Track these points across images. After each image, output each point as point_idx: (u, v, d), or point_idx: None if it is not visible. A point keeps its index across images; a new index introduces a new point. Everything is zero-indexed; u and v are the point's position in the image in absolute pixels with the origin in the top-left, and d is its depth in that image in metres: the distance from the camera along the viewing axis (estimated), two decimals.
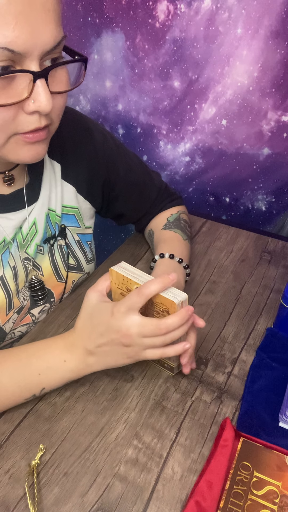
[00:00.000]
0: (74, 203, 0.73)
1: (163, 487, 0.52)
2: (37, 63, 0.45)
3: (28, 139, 0.50)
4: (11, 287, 0.65)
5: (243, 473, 0.52)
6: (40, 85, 0.46)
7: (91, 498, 0.50)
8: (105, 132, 0.77)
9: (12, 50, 0.42)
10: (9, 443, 0.55)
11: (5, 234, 0.63)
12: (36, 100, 0.46)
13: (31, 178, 0.66)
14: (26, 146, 0.52)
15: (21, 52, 0.43)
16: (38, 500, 0.49)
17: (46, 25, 0.44)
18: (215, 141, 1.16)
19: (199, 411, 0.60)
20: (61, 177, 0.70)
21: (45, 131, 0.52)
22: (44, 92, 0.46)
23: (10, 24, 0.41)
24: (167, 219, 0.85)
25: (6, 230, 0.63)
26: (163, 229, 0.84)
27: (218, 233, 1.00)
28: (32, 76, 0.45)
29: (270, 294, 0.83)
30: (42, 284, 0.71)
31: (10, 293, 0.65)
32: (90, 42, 1.19)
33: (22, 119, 0.48)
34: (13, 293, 0.66)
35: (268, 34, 0.96)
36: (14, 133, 0.49)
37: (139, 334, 0.52)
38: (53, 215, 0.69)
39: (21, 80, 0.46)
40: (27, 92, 0.46)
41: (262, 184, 1.15)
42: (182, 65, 1.09)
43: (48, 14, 0.44)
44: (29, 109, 0.47)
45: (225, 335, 0.73)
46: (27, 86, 0.46)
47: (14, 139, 0.50)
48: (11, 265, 0.65)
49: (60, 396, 0.61)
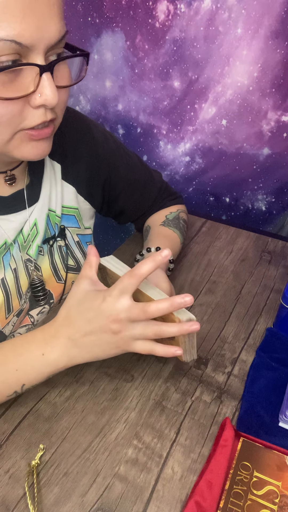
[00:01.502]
0: (74, 203, 0.73)
1: (163, 487, 0.52)
2: (43, 57, 0.46)
3: (33, 136, 0.51)
4: (11, 290, 0.65)
5: (243, 473, 0.52)
6: (46, 78, 0.46)
7: (91, 498, 0.50)
8: (106, 132, 0.77)
9: (19, 43, 0.43)
10: (9, 443, 0.55)
11: (6, 237, 0.63)
12: (43, 94, 0.47)
13: (32, 178, 0.65)
14: (31, 143, 0.52)
15: (28, 45, 0.44)
16: (38, 500, 0.49)
17: (51, 19, 0.45)
18: (215, 141, 1.16)
19: (199, 411, 0.60)
20: (61, 177, 0.70)
21: (50, 128, 0.52)
22: (50, 86, 0.47)
23: (18, 17, 0.42)
24: (166, 217, 0.86)
25: (7, 232, 0.63)
26: (161, 225, 0.84)
27: (218, 233, 1.00)
28: (39, 70, 0.46)
29: (270, 294, 0.83)
30: (43, 284, 0.71)
31: (9, 296, 0.65)
32: (90, 42, 1.19)
33: (29, 114, 0.49)
34: (13, 296, 0.66)
35: (268, 34, 0.96)
36: (20, 129, 0.50)
37: (128, 318, 0.49)
38: (53, 216, 0.69)
39: (27, 73, 0.46)
40: (33, 85, 0.46)
41: (262, 184, 1.15)
42: (182, 65, 1.09)
43: (52, 8, 0.45)
44: (36, 103, 0.47)
45: (225, 335, 0.73)
46: (33, 80, 0.46)
47: (19, 135, 0.50)
48: (12, 267, 0.65)
49: (60, 396, 0.61)
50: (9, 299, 0.65)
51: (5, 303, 0.65)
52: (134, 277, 0.49)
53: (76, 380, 0.63)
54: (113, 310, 0.49)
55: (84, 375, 0.64)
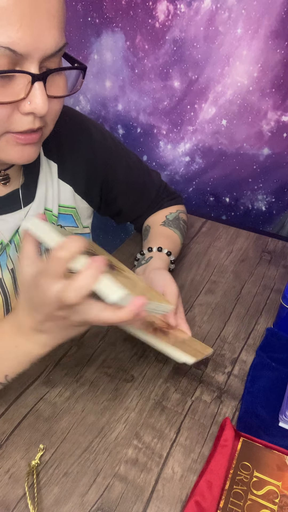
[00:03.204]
0: (71, 202, 0.72)
1: (163, 487, 0.52)
2: (37, 66, 0.46)
3: (19, 140, 0.51)
4: (9, 290, 0.65)
5: (243, 473, 0.52)
6: (38, 87, 0.47)
7: (91, 498, 0.50)
8: (104, 131, 0.77)
9: (14, 51, 0.43)
10: (9, 443, 0.55)
11: (2, 237, 0.63)
12: (32, 102, 0.47)
13: (27, 178, 0.65)
14: (17, 146, 0.52)
15: (22, 53, 0.44)
16: (38, 500, 0.49)
17: (49, 30, 0.45)
18: (215, 141, 1.16)
19: (199, 411, 0.60)
20: (58, 176, 0.70)
21: (37, 134, 0.52)
22: (41, 95, 0.47)
23: (15, 26, 0.42)
24: (166, 217, 0.86)
25: (4, 232, 0.63)
26: (162, 225, 0.84)
27: (218, 233, 1.00)
28: (31, 78, 0.46)
29: (270, 294, 0.83)
30: None
31: (8, 296, 0.65)
32: (90, 42, 1.19)
33: (17, 119, 0.49)
34: (11, 296, 0.66)
35: (268, 34, 0.96)
36: (6, 131, 0.50)
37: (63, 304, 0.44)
38: (49, 215, 0.69)
39: (19, 80, 0.46)
40: (24, 93, 0.47)
41: (262, 184, 1.15)
42: (182, 65, 1.09)
43: (52, 19, 0.45)
44: (25, 110, 0.48)
45: (225, 335, 0.73)
46: (25, 87, 0.47)
47: (6, 137, 0.51)
48: (9, 268, 0.65)
49: (60, 396, 0.61)
50: (8, 300, 0.65)
51: (3, 304, 0.65)
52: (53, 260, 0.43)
53: (76, 380, 0.63)
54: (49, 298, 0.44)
55: (84, 375, 0.64)
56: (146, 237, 0.85)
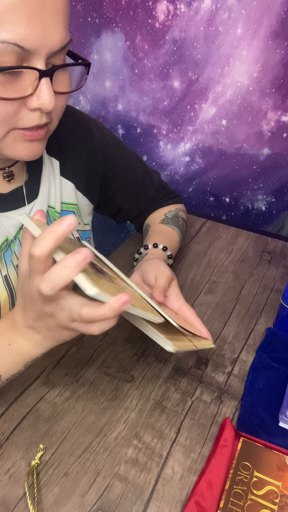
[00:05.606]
0: (73, 199, 0.73)
1: (163, 487, 0.52)
2: (44, 62, 0.47)
3: (26, 136, 0.52)
4: (14, 286, 0.65)
5: (243, 473, 0.52)
6: (45, 83, 0.47)
7: (91, 498, 0.50)
8: (104, 129, 0.78)
9: (22, 47, 0.44)
10: (9, 443, 0.55)
11: (7, 233, 0.63)
12: (40, 98, 0.48)
13: (30, 175, 0.66)
14: (24, 143, 0.52)
15: (30, 49, 0.45)
16: (38, 500, 0.49)
17: (55, 26, 0.46)
18: (215, 141, 1.16)
19: (199, 411, 0.60)
20: (60, 173, 0.70)
21: (44, 130, 0.53)
22: (48, 91, 0.47)
23: (23, 22, 0.43)
24: (165, 215, 0.86)
25: (8, 229, 0.63)
26: (160, 223, 0.84)
27: (218, 233, 1.00)
28: (38, 74, 0.47)
29: (270, 294, 0.83)
30: None
31: (13, 293, 0.66)
32: (90, 42, 1.19)
33: (24, 115, 0.49)
34: (17, 292, 0.66)
35: (268, 34, 0.96)
36: (14, 127, 0.50)
37: (47, 298, 0.43)
38: (52, 212, 0.70)
39: (27, 77, 0.47)
40: (31, 89, 0.47)
41: (262, 184, 1.15)
42: (182, 65, 1.09)
43: (58, 16, 0.46)
44: (32, 106, 0.48)
45: (225, 335, 0.73)
46: (32, 83, 0.47)
47: (13, 134, 0.51)
48: (15, 264, 0.65)
49: (60, 396, 0.61)
50: (14, 296, 0.66)
51: (9, 300, 0.65)
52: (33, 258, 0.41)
53: (76, 380, 0.63)
54: (34, 292, 0.44)
55: (84, 375, 0.64)
56: (145, 236, 0.86)
